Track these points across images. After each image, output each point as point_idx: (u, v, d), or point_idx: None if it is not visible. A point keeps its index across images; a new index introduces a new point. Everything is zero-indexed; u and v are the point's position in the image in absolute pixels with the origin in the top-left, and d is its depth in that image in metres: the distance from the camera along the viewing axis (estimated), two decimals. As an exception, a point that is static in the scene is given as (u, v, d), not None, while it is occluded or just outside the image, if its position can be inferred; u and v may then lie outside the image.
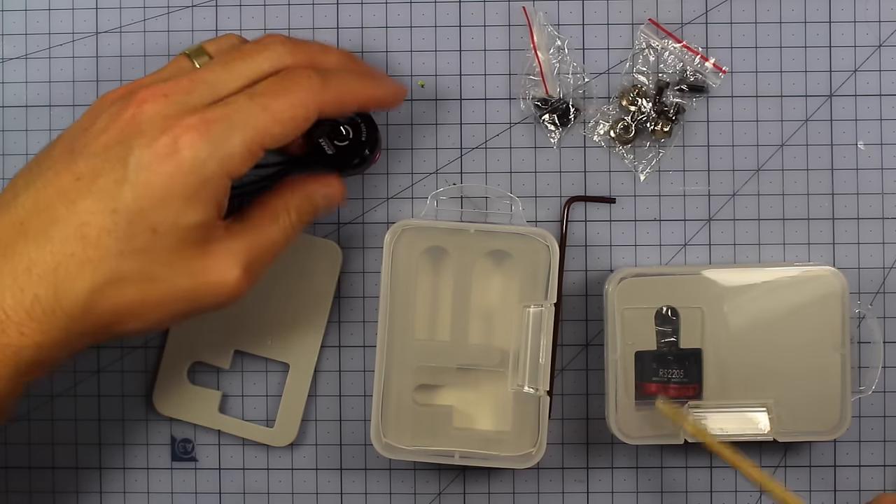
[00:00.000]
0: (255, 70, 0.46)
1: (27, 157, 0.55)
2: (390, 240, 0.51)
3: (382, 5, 0.55)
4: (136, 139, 0.43)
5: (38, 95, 0.56)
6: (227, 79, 0.45)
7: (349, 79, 0.47)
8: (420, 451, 0.51)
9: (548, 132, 0.55)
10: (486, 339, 0.53)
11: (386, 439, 0.51)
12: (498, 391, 0.52)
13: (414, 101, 0.55)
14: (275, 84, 0.45)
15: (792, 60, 0.55)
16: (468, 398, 0.53)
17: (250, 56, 0.46)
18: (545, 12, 0.55)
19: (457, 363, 0.52)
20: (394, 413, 0.52)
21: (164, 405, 0.54)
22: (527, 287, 0.52)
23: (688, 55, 0.55)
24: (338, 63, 0.48)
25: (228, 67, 0.45)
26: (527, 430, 0.52)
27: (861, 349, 0.53)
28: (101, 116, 0.44)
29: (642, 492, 0.55)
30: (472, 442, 0.52)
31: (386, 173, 0.55)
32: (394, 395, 0.52)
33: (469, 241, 0.52)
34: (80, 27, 0.56)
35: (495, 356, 0.52)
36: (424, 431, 0.52)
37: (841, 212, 0.55)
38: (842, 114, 0.55)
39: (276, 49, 0.46)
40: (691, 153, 0.55)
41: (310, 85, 0.45)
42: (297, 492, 0.55)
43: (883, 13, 0.55)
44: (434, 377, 0.52)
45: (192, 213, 0.43)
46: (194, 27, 0.55)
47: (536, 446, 0.51)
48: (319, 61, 0.47)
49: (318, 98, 0.45)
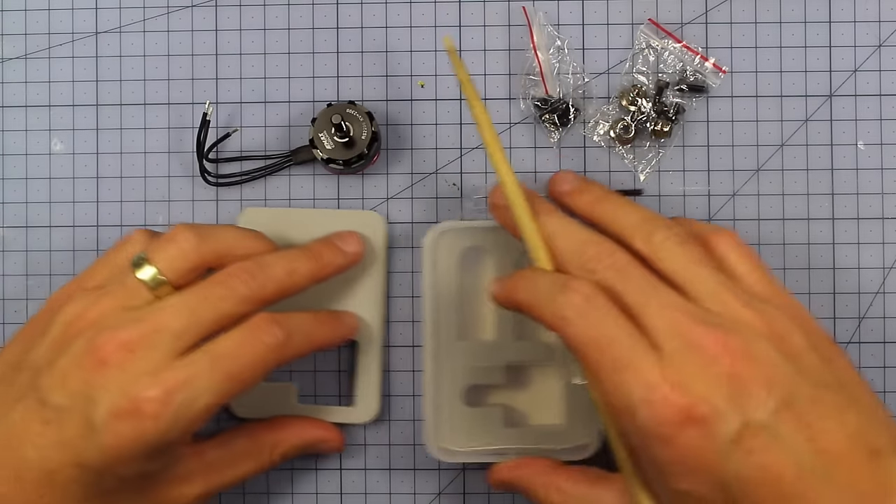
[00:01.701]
0: (219, 314, 0.45)
1: (27, 157, 0.55)
2: (430, 243, 0.52)
3: (382, 5, 0.55)
4: (100, 394, 0.43)
5: (38, 95, 0.56)
6: (190, 328, 0.44)
7: (309, 326, 0.48)
8: (476, 451, 0.51)
9: (548, 132, 0.55)
10: (531, 334, 0.53)
11: (441, 443, 0.51)
12: (547, 385, 0.52)
13: (414, 101, 0.55)
14: (237, 345, 0.45)
15: (792, 60, 0.55)
16: (518, 395, 0.53)
17: (214, 297, 0.45)
18: (545, 12, 0.55)
19: (505, 361, 0.52)
20: (446, 416, 0.52)
21: (242, 408, 0.53)
22: None
23: (688, 55, 0.55)
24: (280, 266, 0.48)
25: (194, 314, 0.45)
26: (581, 421, 0.51)
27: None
28: (63, 348, 0.44)
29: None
30: (527, 438, 0.52)
31: (386, 173, 0.55)
32: (445, 398, 0.52)
33: (507, 239, 0.52)
34: (80, 27, 0.56)
35: (542, 351, 0.52)
36: (478, 431, 0.52)
37: (841, 212, 0.55)
38: (842, 114, 0.55)
39: (237, 283, 0.46)
40: (691, 153, 0.55)
41: (275, 344, 0.45)
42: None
43: (883, 13, 0.55)
44: (483, 377, 0.52)
45: (156, 462, 0.45)
46: (194, 27, 0.55)
47: (592, 436, 0.51)
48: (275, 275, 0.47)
49: (280, 355, 0.46)
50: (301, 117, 0.55)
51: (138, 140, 0.55)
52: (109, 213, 0.55)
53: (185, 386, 0.43)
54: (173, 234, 0.47)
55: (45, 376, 0.44)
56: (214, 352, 0.44)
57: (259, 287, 0.46)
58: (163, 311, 0.45)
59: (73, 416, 0.43)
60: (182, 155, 0.55)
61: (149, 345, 0.44)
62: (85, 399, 0.43)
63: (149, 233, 0.49)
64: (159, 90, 0.55)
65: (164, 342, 0.44)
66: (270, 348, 0.45)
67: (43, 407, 0.43)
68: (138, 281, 0.46)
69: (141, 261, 0.46)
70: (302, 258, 0.48)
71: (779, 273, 0.54)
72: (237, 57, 0.55)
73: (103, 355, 0.43)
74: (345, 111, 0.53)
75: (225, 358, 0.44)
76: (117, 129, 0.55)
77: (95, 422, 0.43)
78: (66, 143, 0.56)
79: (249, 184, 0.55)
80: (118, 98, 0.55)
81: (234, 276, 0.46)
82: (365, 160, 0.53)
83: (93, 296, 0.46)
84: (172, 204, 0.55)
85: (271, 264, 0.47)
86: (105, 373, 0.43)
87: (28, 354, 0.45)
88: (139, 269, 0.46)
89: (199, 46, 0.55)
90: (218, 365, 0.44)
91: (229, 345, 0.45)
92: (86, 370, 0.43)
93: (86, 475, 0.43)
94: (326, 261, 0.49)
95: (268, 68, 0.55)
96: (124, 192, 0.55)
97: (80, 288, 0.47)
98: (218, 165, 0.55)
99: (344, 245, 0.51)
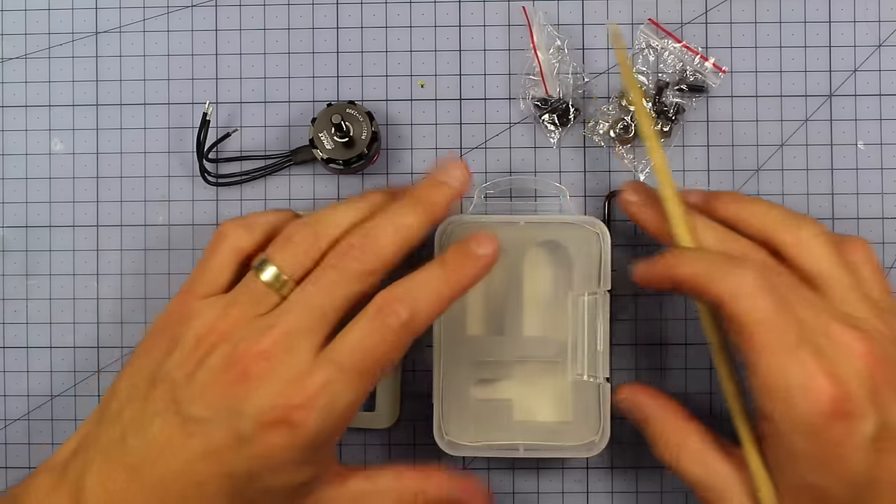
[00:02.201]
0: (342, 299, 0.44)
1: (27, 157, 0.55)
2: (440, 237, 0.51)
3: (382, 5, 0.55)
4: (244, 406, 0.43)
5: (38, 95, 0.56)
6: (318, 323, 0.44)
7: (435, 283, 0.45)
8: (484, 446, 0.51)
9: (547, 132, 0.55)
10: (541, 330, 0.53)
11: (449, 437, 0.51)
12: (556, 382, 0.52)
13: (414, 101, 0.55)
14: (363, 337, 0.44)
15: (792, 60, 0.55)
16: (527, 391, 0.53)
17: (331, 284, 0.44)
18: (545, 12, 0.55)
19: (514, 356, 0.52)
20: (455, 410, 0.52)
21: None
22: (579, 275, 0.52)
23: (687, 55, 0.55)
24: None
25: (319, 308, 0.44)
26: (588, 418, 0.51)
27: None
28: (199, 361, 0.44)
29: (642, 492, 0.55)
30: (535, 434, 0.52)
31: (386, 173, 0.55)
32: (453, 392, 0.52)
33: (519, 234, 0.52)
34: (80, 27, 0.56)
35: (552, 347, 0.52)
36: (486, 426, 0.52)
37: (841, 212, 0.55)
38: (841, 114, 0.55)
39: (349, 262, 0.45)
40: (691, 153, 0.55)
41: (400, 324, 0.44)
42: None
43: (883, 13, 0.55)
44: (492, 372, 0.52)
45: (305, 473, 0.44)
46: (194, 27, 0.55)
47: (599, 434, 0.51)
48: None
49: (410, 331, 0.44)
50: (301, 117, 0.55)
51: (138, 140, 0.55)
52: (109, 213, 0.55)
53: (325, 390, 0.43)
54: (290, 233, 0.46)
55: (184, 390, 0.43)
56: (343, 349, 0.44)
57: (372, 257, 0.45)
58: (289, 313, 0.44)
59: (219, 428, 0.43)
60: (182, 155, 0.55)
61: (285, 350, 0.43)
62: (228, 411, 0.43)
63: (238, 222, 0.48)
64: (159, 90, 0.55)
65: (299, 345, 0.43)
66: (397, 330, 0.44)
67: (184, 420, 0.43)
68: (264, 284, 0.45)
69: (263, 263, 0.46)
70: (406, 209, 0.46)
71: (779, 273, 0.54)
72: (237, 57, 0.55)
73: (243, 368, 0.43)
74: (345, 111, 0.53)
75: (353, 354, 0.43)
76: (117, 129, 0.55)
77: (244, 432, 0.42)
78: (66, 143, 0.56)
79: (249, 184, 0.55)
80: (118, 98, 0.56)
81: (344, 255, 0.45)
82: (365, 160, 0.53)
83: (219, 306, 0.45)
84: (172, 204, 0.55)
85: (376, 228, 0.45)
86: (247, 385, 0.43)
87: (161, 368, 0.45)
88: (262, 272, 0.45)
89: (199, 46, 0.55)
90: (349, 363, 0.43)
91: (355, 338, 0.44)
92: (226, 384, 0.43)
93: (234, 485, 0.43)
94: (436, 200, 0.47)
95: (268, 68, 0.55)
96: (124, 192, 0.55)
97: (194, 296, 0.46)
98: (218, 165, 0.55)
99: (449, 179, 0.48)
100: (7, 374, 0.55)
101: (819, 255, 0.45)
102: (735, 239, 0.46)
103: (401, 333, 0.44)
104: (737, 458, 0.46)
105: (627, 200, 0.49)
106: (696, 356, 0.54)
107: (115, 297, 0.55)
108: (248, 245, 0.47)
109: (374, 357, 0.44)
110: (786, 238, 0.46)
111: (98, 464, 0.44)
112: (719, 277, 0.43)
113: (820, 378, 0.42)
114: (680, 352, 0.54)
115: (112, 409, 0.45)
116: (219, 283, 0.47)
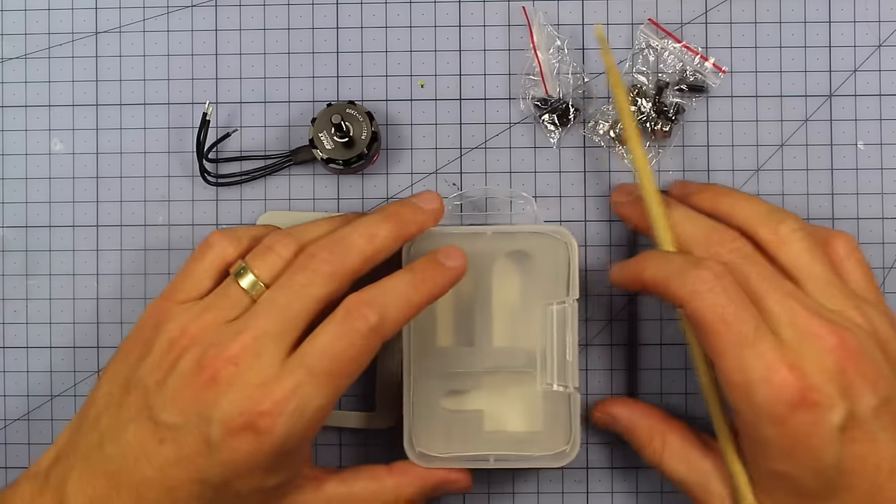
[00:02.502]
0: (310, 301, 0.45)
1: (27, 157, 0.55)
2: (407, 249, 0.51)
3: (382, 5, 0.55)
4: (213, 411, 0.43)
5: (38, 95, 0.56)
6: (287, 326, 0.44)
7: (404, 289, 0.46)
8: (454, 457, 0.51)
9: (547, 132, 0.55)
10: (510, 340, 0.53)
11: (419, 448, 0.51)
12: (527, 392, 0.52)
13: (414, 101, 0.55)
14: (332, 341, 0.44)
15: (792, 60, 0.55)
16: (498, 401, 0.53)
17: (299, 286, 0.45)
18: (545, 12, 0.55)
19: (483, 367, 0.52)
20: (424, 421, 0.52)
21: None
22: (548, 285, 0.52)
23: (687, 55, 0.55)
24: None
25: (287, 310, 0.44)
26: (558, 428, 0.51)
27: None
28: (171, 366, 0.44)
29: (642, 492, 0.55)
30: (505, 444, 0.52)
31: (386, 173, 0.55)
32: (423, 402, 0.52)
33: (487, 244, 0.52)
34: (80, 27, 0.56)
35: (521, 357, 0.52)
36: (456, 437, 0.52)
37: (841, 212, 0.55)
38: (841, 114, 0.55)
39: (318, 264, 0.45)
40: (691, 153, 0.55)
41: (369, 328, 0.44)
42: None
43: (883, 13, 0.55)
44: (462, 382, 0.52)
45: (275, 478, 0.45)
46: (194, 27, 0.55)
47: (570, 444, 0.51)
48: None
49: (379, 335, 0.45)
50: (301, 117, 0.55)
51: (138, 140, 0.55)
52: (109, 213, 0.55)
53: (294, 394, 0.43)
54: (271, 242, 0.47)
55: (156, 396, 0.44)
56: (312, 353, 0.44)
57: (341, 261, 0.45)
58: (258, 316, 0.44)
59: (190, 434, 0.43)
60: (182, 155, 0.55)
61: (253, 355, 0.43)
62: (198, 417, 0.43)
63: (226, 234, 0.48)
64: (159, 90, 0.55)
65: (267, 349, 0.44)
66: (365, 334, 0.44)
67: (157, 426, 0.43)
68: (240, 291, 0.46)
69: (243, 270, 0.46)
70: (380, 221, 0.47)
71: (779, 273, 0.54)
72: (237, 57, 0.55)
73: (212, 373, 0.43)
74: (345, 111, 0.53)
75: (322, 358, 0.44)
76: (117, 129, 0.55)
77: (212, 439, 0.43)
78: (66, 143, 0.56)
79: (249, 184, 0.55)
80: (118, 98, 0.55)
81: (314, 258, 0.45)
82: (365, 160, 0.53)
83: (194, 311, 0.46)
84: (172, 204, 0.55)
85: (348, 235, 0.46)
86: (216, 390, 0.43)
87: (135, 373, 0.45)
88: (241, 278, 0.46)
89: (199, 46, 0.55)
90: (318, 367, 0.43)
91: (324, 342, 0.44)
92: (196, 388, 0.43)
93: (206, 491, 0.44)
94: (407, 219, 0.48)
95: (268, 68, 0.55)
96: (124, 192, 0.55)
97: (172, 301, 0.46)
98: (218, 165, 0.55)
99: (422, 203, 0.49)
100: (7, 374, 0.55)
101: (798, 249, 0.46)
102: (715, 228, 0.47)
103: (369, 337, 0.44)
104: (717, 452, 0.48)
105: (616, 202, 0.52)
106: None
107: (115, 297, 0.55)
108: (233, 256, 0.47)
109: (343, 360, 0.44)
110: (765, 234, 0.47)
111: (79, 470, 0.44)
112: (679, 279, 0.45)
113: (782, 369, 0.42)
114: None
115: (90, 415, 0.46)
116: (198, 289, 0.47)
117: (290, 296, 0.45)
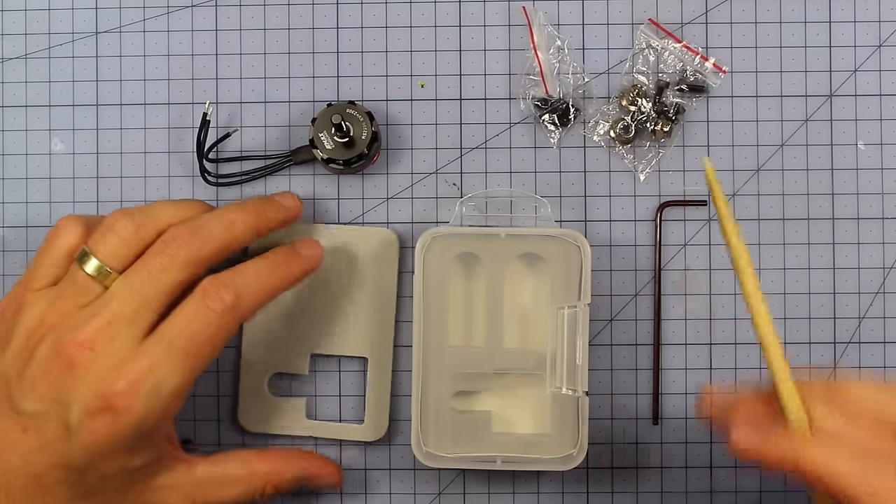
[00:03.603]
0: (165, 285, 0.45)
1: (27, 157, 0.55)
2: (421, 248, 0.51)
3: (382, 5, 0.55)
4: (70, 396, 0.44)
5: (38, 95, 0.56)
6: (141, 310, 0.45)
7: (260, 274, 0.47)
8: (462, 458, 0.51)
9: (548, 132, 0.55)
10: (521, 342, 0.53)
11: (427, 448, 0.51)
12: (536, 394, 0.52)
13: (414, 101, 0.55)
14: (188, 320, 0.45)
15: (792, 60, 0.55)
16: (506, 403, 0.53)
17: (155, 270, 0.45)
18: (545, 12, 0.55)
19: (493, 368, 0.52)
20: (433, 421, 0.52)
21: (250, 423, 0.54)
22: (559, 288, 0.52)
23: (688, 55, 0.55)
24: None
25: (141, 294, 0.45)
26: (567, 431, 0.52)
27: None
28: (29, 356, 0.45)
29: (642, 492, 0.55)
30: (513, 446, 0.52)
31: (386, 173, 0.55)
32: (432, 402, 0.52)
33: (500, 246, 0.52)
34: (80, 27, 0.56)
35: (531, 359, 0.52)
36: (465, 438, 0.52)
37: (841, 212, 0.55)
38: (842, 114, 0.55)
39: (175, 249, 0.46)
40: (691, 153, 0.55)
41: (224, 308, 0.45)
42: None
43: (883, 13, 0.55)
44: (471, 383, 0.52)
45: (138, 458, 0.45)
46: (194, 27, 0.55)
47: (577, 447, 0.51)
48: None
49: (235, 316, 0.46)
50: (301, 117, 0.55)
51: (138, 140, 0.55)
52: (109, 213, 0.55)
53: (149, 374, 0.44)
54: (111, 222, 0.47)
55: (17, 386, 0.45)
56: (168, 333, 0.45)
57: (198, 247, 0.46)
58: (112, 301, 0.45)
59: (50, 421, 0.44)
60: (182, 155, 0.55)
61: (108, 338, 0.44)
62: (58, 403, 0.44)
63: (78, 218, 0.48)
64: (159, 90, 0.55)
65: (121, 332, 0.44)
66: (221, 314, 0.45)
67: (19, 416, 0.44)
68: (87, 276, 0.46)
69: (85, 255, 0.46)
70: (238, 212, 0.48)
71: (779, 273, 0.54)
72: (237, 57, 0.55)
73: (67, 358, 0.44)
74: (345, 111, 0.53)
75: (179, 337, 0.44)
76: (117, 129, 0.55)
77: (71, 423, 0.43)
78: (66, 143, 0.56)
79: (249, 184, 0.55)
80: (118, 98, 0.56)
81: (171, 243, 0.46)
82: (365, 160, 0.53)
83: (48, 298, 0.46)
84: (172, 204, 0.55)
85: (207, 222, 0.47)
86: (73, 374, 0.44)
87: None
88: (84, 263, 0.46)
89: (199, 46, 0.55)
90: (174, 346, 0.44)
91: (180, 322, 0.45)
92: (54, 375, 0.44)
93: (71, 475, 0.44)
94: (267, 214, 0.49)
95: (268, 68, 0.55)
96: (124, 192, 0.55)
97: (28, 289, 0.47)
98: (218, 165, 0.55)
99: (283, 200, 0.50)
100: (7, 374, 0.55)
101: None
102: (856, 425, 0.41)
103: (225, 317, 0.45)
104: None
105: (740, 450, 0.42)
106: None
107: (115, 297, 0.55)
108: (78, 240, 0.47)
109: (200, 340, 0.45)
110: None
111: None
112: (856, 474, 0.40)
113: None
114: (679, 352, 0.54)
115: None
116: (51, 276, 0.47)
117: (145, 279, 0.45)
